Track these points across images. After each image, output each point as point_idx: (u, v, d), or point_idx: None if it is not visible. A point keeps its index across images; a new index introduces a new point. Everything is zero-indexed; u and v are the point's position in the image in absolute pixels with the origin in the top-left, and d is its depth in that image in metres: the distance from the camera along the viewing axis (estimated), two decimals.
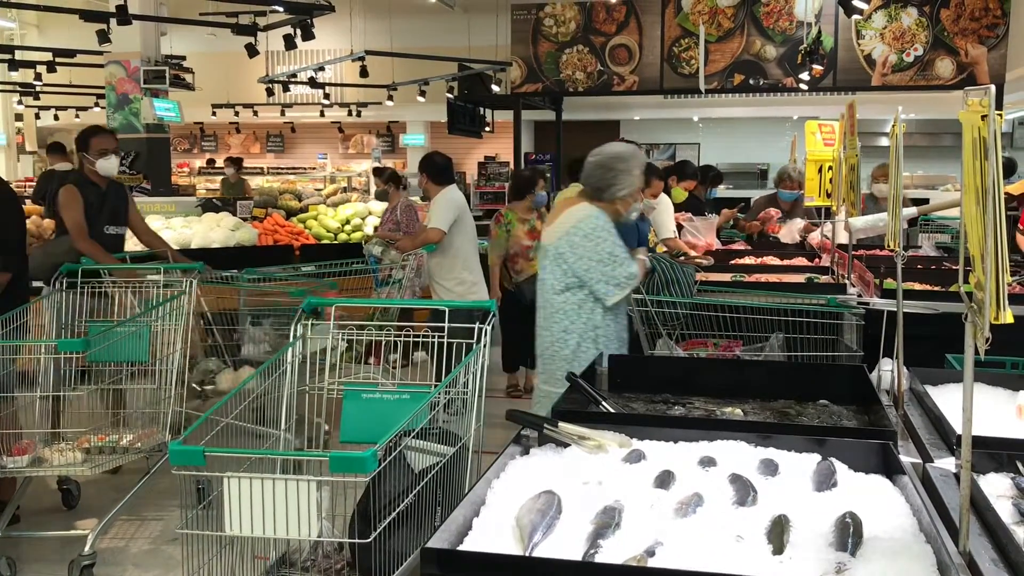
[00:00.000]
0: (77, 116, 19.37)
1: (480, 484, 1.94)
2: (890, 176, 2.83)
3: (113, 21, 9.04)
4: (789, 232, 7.24)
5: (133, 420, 4.23)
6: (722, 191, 8.49)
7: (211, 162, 20.62)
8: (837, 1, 8.82)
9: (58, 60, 13.32)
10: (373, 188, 12.20)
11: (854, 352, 3.76)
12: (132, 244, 6.02)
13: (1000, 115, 1.52)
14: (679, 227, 6.67)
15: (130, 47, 10.87)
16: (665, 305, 4.05)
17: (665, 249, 6.22)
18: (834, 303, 4.02)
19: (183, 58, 12.33)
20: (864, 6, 8.53)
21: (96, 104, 17.14)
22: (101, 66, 11.45)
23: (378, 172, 7.68)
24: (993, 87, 1.55)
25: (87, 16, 9.52)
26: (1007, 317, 1.48)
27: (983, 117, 1.52)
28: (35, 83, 14.93)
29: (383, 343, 3.50)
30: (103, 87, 11.71)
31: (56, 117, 19.48)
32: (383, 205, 9.36)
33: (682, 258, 5.61)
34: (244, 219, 8.31)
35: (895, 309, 2.85)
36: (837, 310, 3.94)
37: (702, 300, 4.10)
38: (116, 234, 5.50)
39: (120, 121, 11.35)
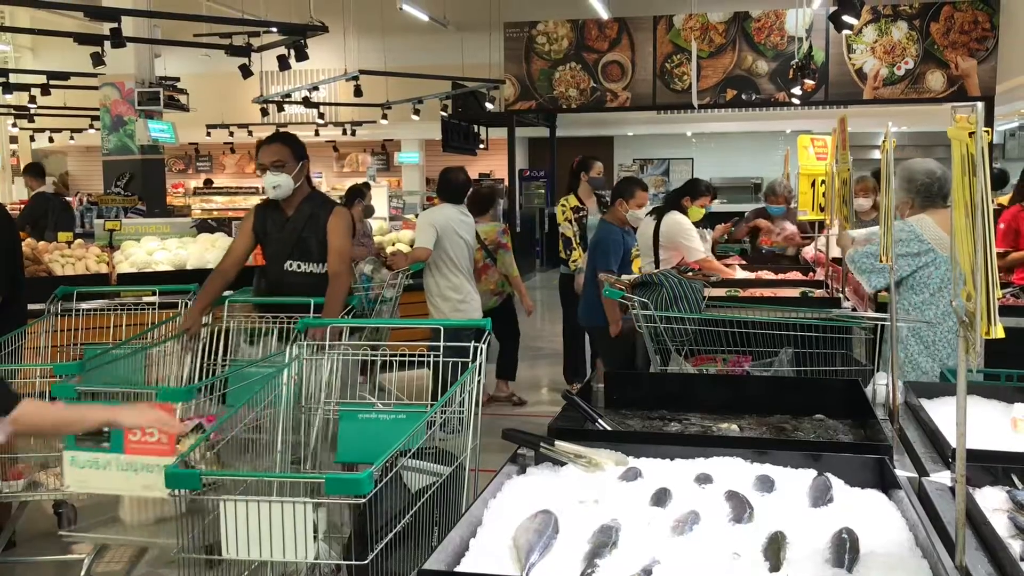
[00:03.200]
0: (72, 138, 19.41)
1: (477, 504, 1.94)
2: (881, 190, 2.84)
3: (107, 44, 9.05)
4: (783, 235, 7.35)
5: None
6: (716, 206, 8.54)
7: (208, 183, 20.63)
8: (827, 16, 8.88)
9: (52, 83, 13.35)
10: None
11: (864, 367, 3.76)
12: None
13: (988, 131, 1.54)
14: None
15: (124, 69, 10.92)
16: (674, 321, 4.04)
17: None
18: (844, 317, 4.02)
19: (177, 79, 12.38)
20: (854, 21, 8.58)
21: (91, 126, 17.17)
22: (95, 88, 11.49)
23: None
24: (980, 104, 1.57)
25: (81, 39, 9.54)
26: (998, 332, 1.49)
27: (971, 133, 1.54)
28: (29, 106, 14.97)
29: (376, 363, 3.50)
30: (98, 109, 11.75)
31: (51, 139, 19.51)
32: (378, 224, 9.38)
33: (689, 273, 5.63)
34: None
35: (889, 323, 2.86)
36: (845, 324, 3.93)
37: (711, 316, 4.10)
38: (303, 272, 4.44)
39: (115, 143, 11.38)
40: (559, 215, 7.39)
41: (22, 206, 14.98)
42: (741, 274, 6.32)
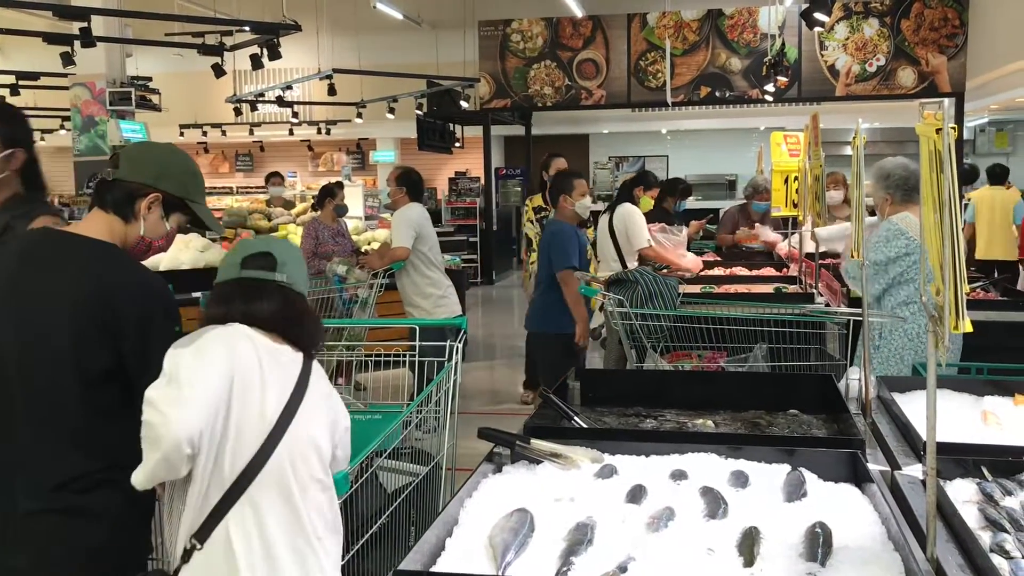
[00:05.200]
0: (42, 139, 19.17)
1: (453, 503, 1.94)
2: (852, 186, 2.86)
3: (77, 43, 8.94)
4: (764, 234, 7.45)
5: None
6: (691, 203, 8.59)
7: None
8: (800, 13, 8.94)
9: (22, 83, 13.18)
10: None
11: (837, 361, 3.78)
12: None
13: (954, 128, 1.55)
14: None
15: (95, 69, 10.79)
16: (649, 318, 4.06)
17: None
18: (818, 313, 4.05)
19: (149, 79, 12.25)
20: (826, 18, 8.65)
21: (62, 127, 16.98)
22: (66, 88, 11.35)
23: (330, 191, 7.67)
24: (947, 100, 1.58)
25: (51, 38, 9.42)
26: (966, 326, 1.51)
27: (938, 130, 1.55)
28: None
29: (352, 363, 3.49)
30: (68, 109, 11.61)
31: None
32: (354, 225, 9.33)
33: (664, 270, 5.64)
34: (213, 240, 8.25)
35: (861, 318, 2.89)
36: (819, 319, 3.96)
37: (685, 312, 4.11)
38: None
39: (86, 144, 11.26)
40: (524, 215, 7.45)
41: None
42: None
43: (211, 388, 1.85)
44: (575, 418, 2.63)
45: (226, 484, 1.87)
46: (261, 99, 15.72)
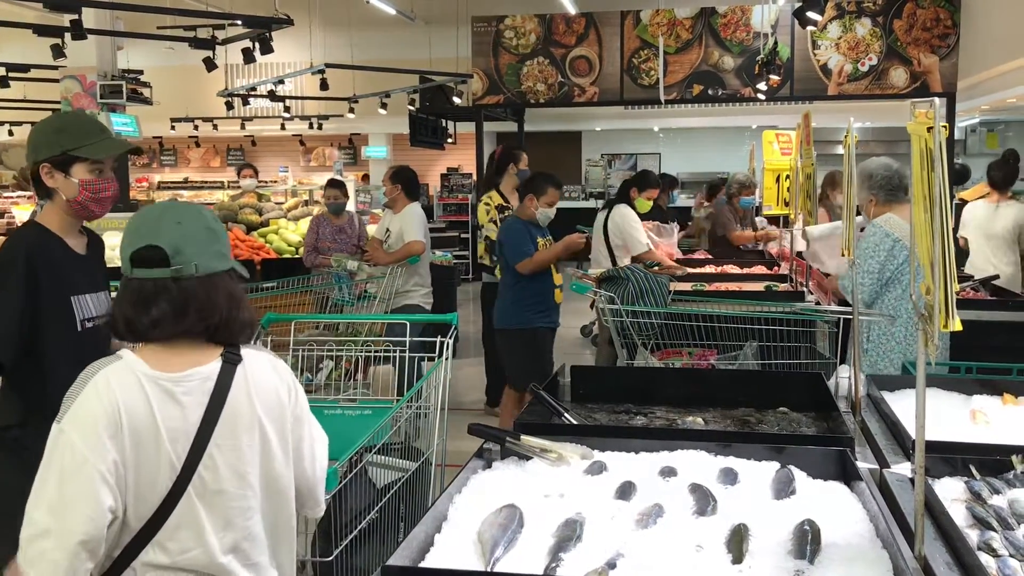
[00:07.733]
0: None
1: (442, 499, 1.94)
2: (843, 184, 2.87)
3: (68, 35, 8.89)
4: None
5: None
6: (683, 200, 8.54)
7: (186, 180, 20.37)
8: (792, 13, 8.94)
9: (11, 75, 13.11)
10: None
11: (827, 359, 3.80)
12: None
13: (945, 126, 1.55)
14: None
15: (86, 61, 10.74)
16: (640, 315, 4.06)
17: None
18: (808, 311, 4.05)
19: (140, 72, 12.20)
20: (818, 18, 8.65)
21: None
22: (56, 81, 11.30)
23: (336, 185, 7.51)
24: (938, 99, 1.59)
25: (41, 31, 9.37)
26: (955, 325, 1.51)
27: (929, 129, 1.55)
28: None
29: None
30: (59, 102, 11.55)
31: (11, 133, 19.17)
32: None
33: (656, 268, 5.65)
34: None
35: (851, 317, 2.89)
36: (809, 318, 3.97)
37: (676, 310, 4.12)
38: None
39: None
40: (481, 215, 6.59)
41: None
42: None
43: (95, 479, 1.69)
44: (565, 414, 2.63)
45: (133, 532, 1.75)
46: (253, 93, 15.67)
